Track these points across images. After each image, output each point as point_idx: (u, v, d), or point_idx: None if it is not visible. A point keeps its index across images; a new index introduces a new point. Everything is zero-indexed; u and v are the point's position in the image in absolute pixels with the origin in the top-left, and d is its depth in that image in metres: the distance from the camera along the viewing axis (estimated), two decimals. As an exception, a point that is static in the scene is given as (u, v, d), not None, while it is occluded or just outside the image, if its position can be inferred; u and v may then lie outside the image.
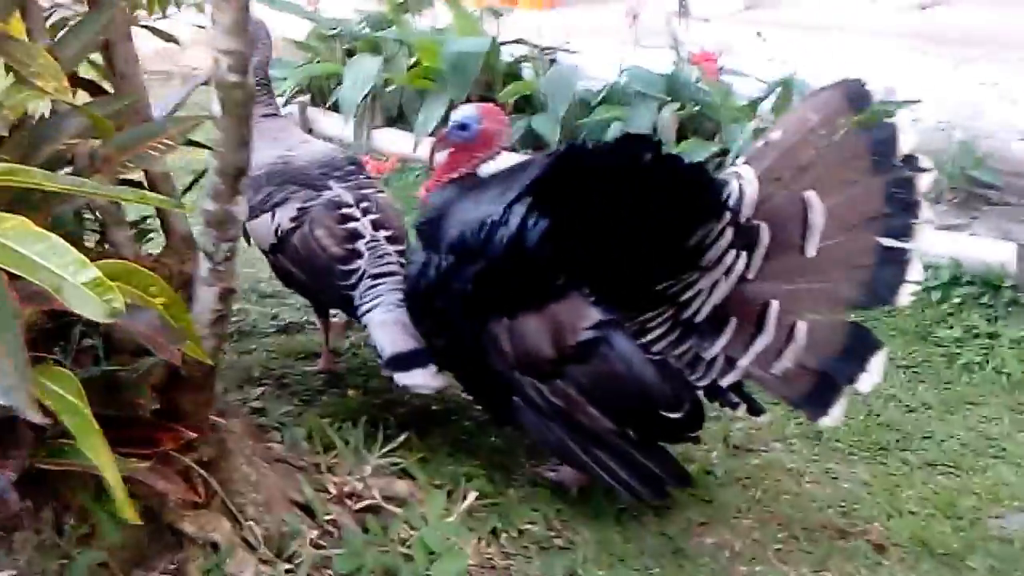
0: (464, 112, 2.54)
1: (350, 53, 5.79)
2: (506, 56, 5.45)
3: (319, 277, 2.70)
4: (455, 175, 2.53)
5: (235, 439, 2.16)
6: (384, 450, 2.52)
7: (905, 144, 2.26)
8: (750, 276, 2.28)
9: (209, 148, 1.80)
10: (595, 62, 5.37)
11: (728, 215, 2.26)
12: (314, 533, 2.18)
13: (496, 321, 2.36)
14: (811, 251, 2.25)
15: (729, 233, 2.26)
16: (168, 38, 2.50)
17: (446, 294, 2.41)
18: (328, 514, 2.25)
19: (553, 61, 5.41)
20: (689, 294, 2.29)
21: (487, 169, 2.57)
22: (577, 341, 2.29)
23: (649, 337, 2.32)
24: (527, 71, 5.43)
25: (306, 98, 5.96)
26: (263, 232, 2.76)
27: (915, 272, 2.24)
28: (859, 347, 2.27)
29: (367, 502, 2.34)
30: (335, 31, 5.83)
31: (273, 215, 2.74)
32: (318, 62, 5.94)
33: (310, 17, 5.94)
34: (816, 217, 2.25)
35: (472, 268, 2.37)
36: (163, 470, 1.86)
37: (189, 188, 2.60)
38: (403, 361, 2.57)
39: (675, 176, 2.31)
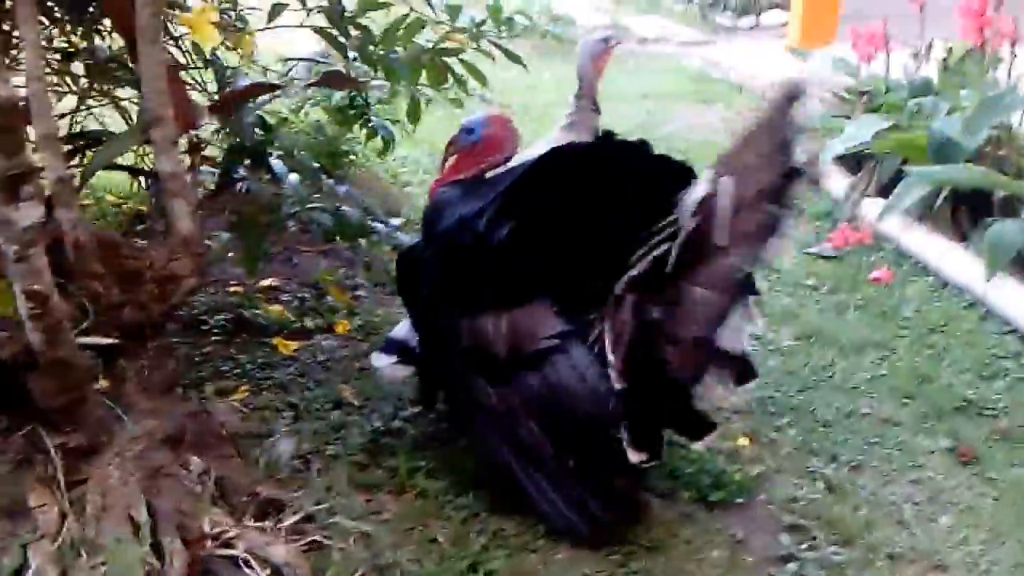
0: (471, 118, 2.60)
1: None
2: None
3: None
4: (460, 176, 2.57)
5: (126, 438, 2.04)
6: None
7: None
8: None
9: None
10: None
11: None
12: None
13: (460, 317, 2.32)
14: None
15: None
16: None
17: (422, 286, 2.44)
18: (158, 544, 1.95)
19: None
20: None
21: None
22: (534, 348, 2.23)
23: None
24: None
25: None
26: None
27: None
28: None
29: (225, 551, 1.99)
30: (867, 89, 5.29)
31: None
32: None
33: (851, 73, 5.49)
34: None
35: (444, 262, 2.39)
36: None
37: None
38: (388, 346, 2.65)
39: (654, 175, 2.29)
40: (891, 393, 3.30)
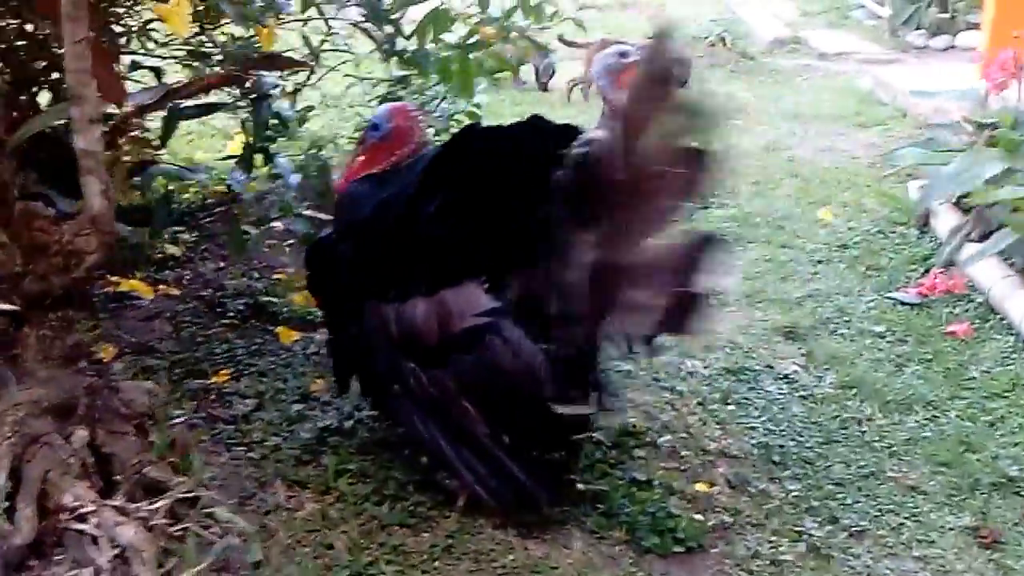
0: (377, 112, 2.59)
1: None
2: None
3: None
4: (372, 170, 2.54)
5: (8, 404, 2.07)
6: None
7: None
8: None
9: None
10: None
11: None
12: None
13: (385, 302, 2.32)
14: None
15: None
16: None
17: (337, 276, 2.45)
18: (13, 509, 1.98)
19: None
20: None
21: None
22: (463, 328, 2.23)
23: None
24: None
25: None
26: None
27: None
28: None
29: (78, 525, 1.98)
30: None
31: None
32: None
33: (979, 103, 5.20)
34: None
35: (364, 248, 2.40)
36: None
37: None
38: None
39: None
40: (926, 459, 3.04)
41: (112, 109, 2.47)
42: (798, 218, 4.95)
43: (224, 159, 3.30)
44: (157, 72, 3.07)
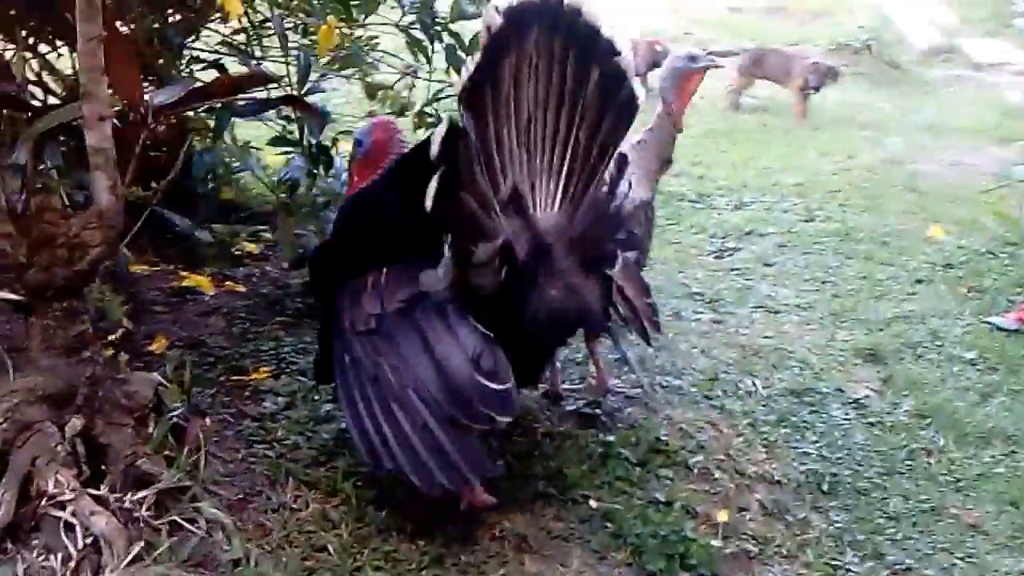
0: (358, 130, 2.60)
1: None
2: None
3: None
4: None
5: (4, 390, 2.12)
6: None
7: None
8: None
9: None
10: None
11: None
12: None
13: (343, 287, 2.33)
14: None
15: None
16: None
17: (322, 272, 2.49)
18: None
19: None
20: None
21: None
22: (404, 295, 2.20)
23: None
24: None
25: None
26: None
27: None
28: None
29: (56, 512, 1.99)
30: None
31: None
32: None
33: None
34: None
35: (334, 242, 2.50)
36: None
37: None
38: None
39: None
40: (995, 496, 2.84)
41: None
42: (905, 235, 4.71)
43: (281, 154, 3.33)
44: (219, 67, 3.13)
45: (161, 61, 3.00)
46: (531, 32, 2.11)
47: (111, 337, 2.86)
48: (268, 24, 3.15)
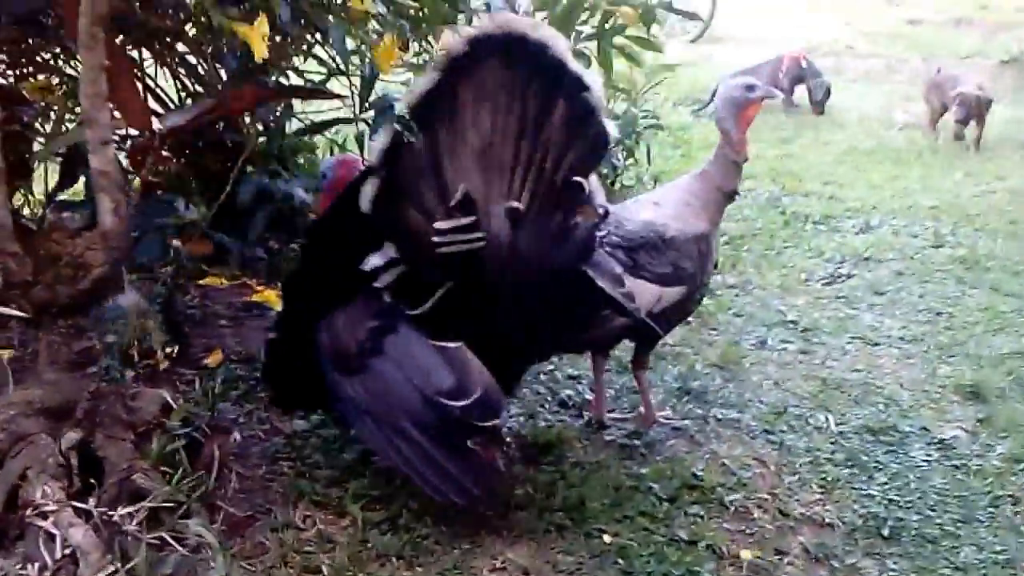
0: (324, 162, 2.68)
1: None
2: None
3: None
4: None
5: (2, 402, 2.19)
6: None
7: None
8: None
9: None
10: None
11: None
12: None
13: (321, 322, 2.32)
14: None
15: None
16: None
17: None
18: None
19: None
20: None
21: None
22: (367, 331, 2.23)
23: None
24: None
25: None
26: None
27: None
28: None
29: (40, 522, 2.03)
30: None
31: None
32: None
33: None
34: None
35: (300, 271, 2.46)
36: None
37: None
38: None
39: None
40: (1081, 555, 2.55)
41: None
42: (1045, 266, 4.33)
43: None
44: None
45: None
46: (491, 61, 2.12)
47: (166, 351, 2.96)
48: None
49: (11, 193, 2.63)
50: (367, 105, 3.12)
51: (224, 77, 2.94)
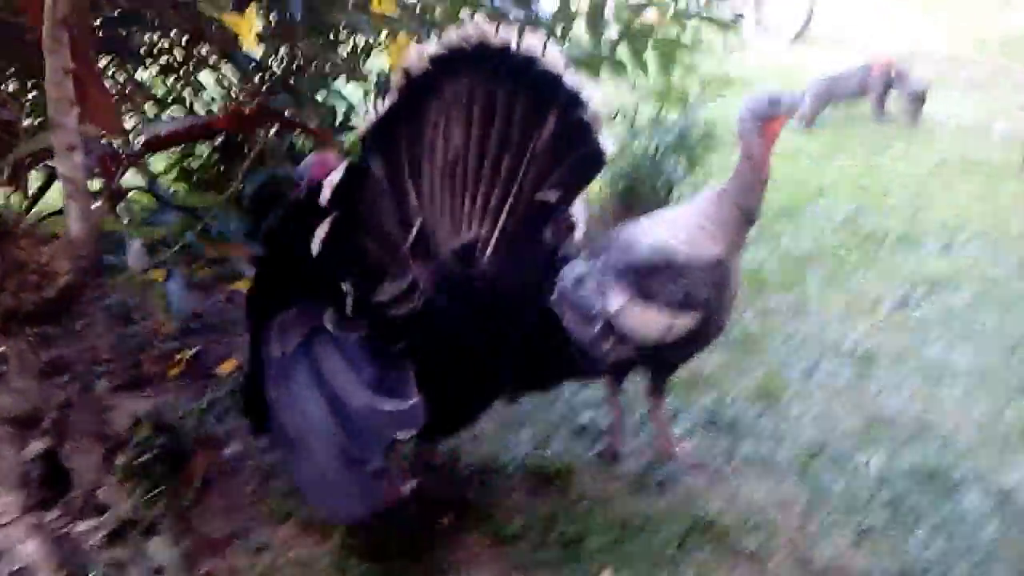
0: (300, 165, 2.41)
1: None
2: None
3: None
4: None
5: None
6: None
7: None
8: None
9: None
10: None
11: None
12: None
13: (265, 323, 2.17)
14: None
15: None
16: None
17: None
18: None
19: None
20: None
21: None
22: (298, 334, 2.06)
23: None
24: None
25: None
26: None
27: None
28: None
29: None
30: None
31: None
32: None
33: None
34: None
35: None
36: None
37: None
38: None
39: None
40: None
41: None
42: None
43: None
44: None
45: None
46: (461, 77, 1.94)
47: (177, 357, 2.90)
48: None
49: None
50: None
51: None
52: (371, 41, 3.06)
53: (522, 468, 2.56)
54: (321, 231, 1.92)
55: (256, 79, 3.03)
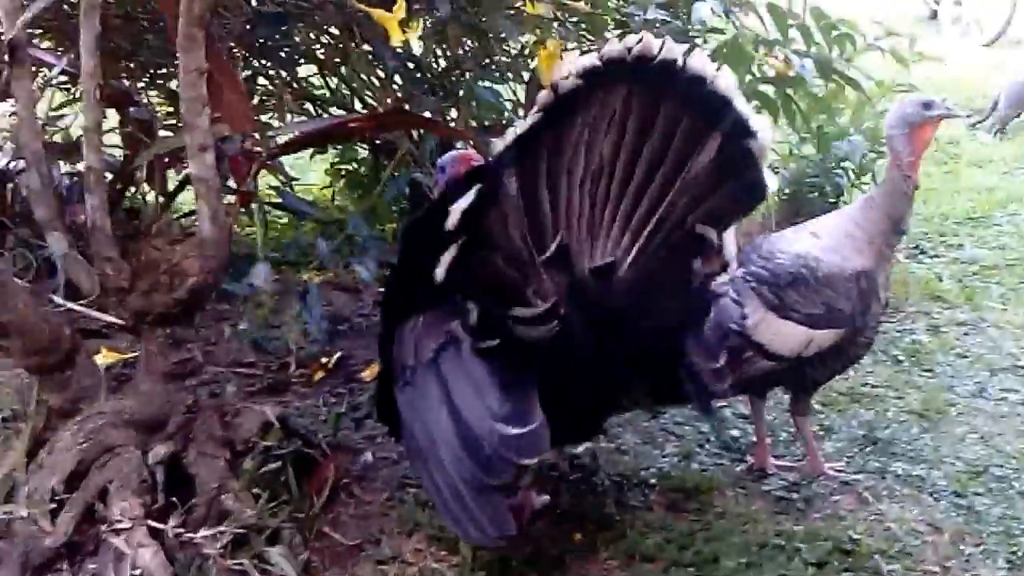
0: (443, 157, 2.36)
1: None
2: None
3: None
4: None
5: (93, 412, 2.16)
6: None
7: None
8: None
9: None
10: None
11: None
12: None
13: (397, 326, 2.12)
14: None
15: None
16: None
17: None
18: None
19: None
20: None
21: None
22: (429, 344, 2.00)
23: None
24: None
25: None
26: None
27: None
28: None
29: (112, 538, 1.97)
30: None
31: None
32: None
33: None
34: None
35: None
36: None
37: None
38: None
39: None
40: None
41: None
42: None
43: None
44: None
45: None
46: (619, 88, 1.83)
47: (323, 361, 2.94)
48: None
49: (120, 196, 2.68)
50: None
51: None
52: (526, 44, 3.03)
53: (663, 483, 2.48)
54: (447, 256, 1.85)
55: (407, 80, 3.02)
